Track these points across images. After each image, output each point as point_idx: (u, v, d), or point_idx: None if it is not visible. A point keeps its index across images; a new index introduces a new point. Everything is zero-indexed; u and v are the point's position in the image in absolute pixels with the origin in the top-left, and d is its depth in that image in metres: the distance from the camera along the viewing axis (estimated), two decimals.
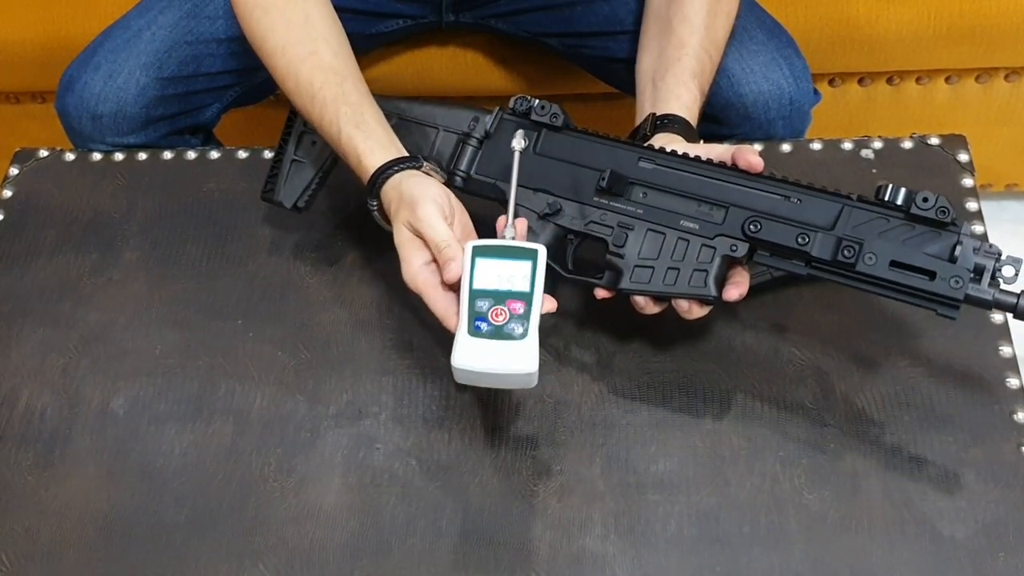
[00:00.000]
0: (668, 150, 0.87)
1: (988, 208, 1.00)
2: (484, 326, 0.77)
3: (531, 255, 0.79)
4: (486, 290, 0.78)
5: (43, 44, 1.40)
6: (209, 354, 0.95)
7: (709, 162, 0.85)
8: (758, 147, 1.06)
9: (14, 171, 1.11)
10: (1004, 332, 0.91)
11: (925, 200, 0.78)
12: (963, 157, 1.03)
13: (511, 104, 0.91)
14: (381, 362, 0.93)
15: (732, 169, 0.84)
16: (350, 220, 1.04)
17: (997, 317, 0.91)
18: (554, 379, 0.91)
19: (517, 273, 0.79)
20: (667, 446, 0.86)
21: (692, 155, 0.86)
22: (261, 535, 0.84)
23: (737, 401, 0.89)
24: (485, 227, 0.86)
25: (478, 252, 0.79)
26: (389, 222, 0.86)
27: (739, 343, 0.92)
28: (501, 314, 0.77)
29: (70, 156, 1.13)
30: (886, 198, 0.79)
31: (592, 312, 0.94)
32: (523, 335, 0.77)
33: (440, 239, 0.80)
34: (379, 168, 0.86)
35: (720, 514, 0.83)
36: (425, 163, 0.88)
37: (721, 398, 0.89)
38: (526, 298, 0.78)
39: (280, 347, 0.95)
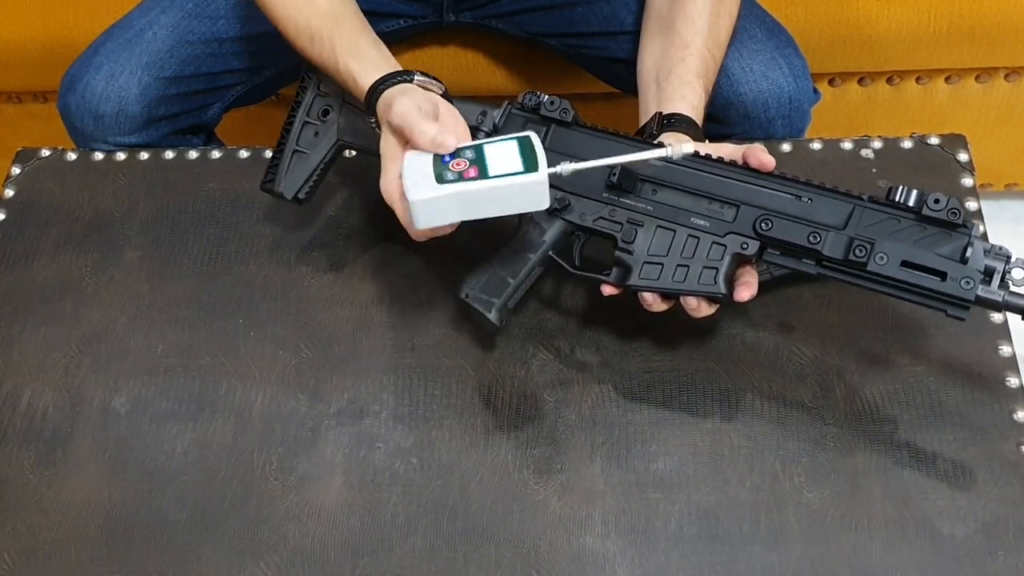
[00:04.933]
0: None
1: (988, 208, 1.00)
2: (448, 175, 0.77)
3: (518, 138, 0.80)
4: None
5: (45, 44, 1.40)
6: (210, 353, 0.95)
7: (720, 160, 0.85)
8: None
9: (16, 171, 1.11)
10: (1004, 332, 0.91)
11: (937, 201, 0.78)
12: (963, 157, 1.03)
13: (520, 99, 0.90)
14: (382, 361, 0.94)
15: (743, 168, 0.84)
16: (352, 220, 1.04)
17: (997, 317, 0.91)
18: (554, 378, 0.91)
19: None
20: (667, 444, 0.87)
21: (703, 153, 0.86)
22: (262, 533, 0.84)
23: (737, 399, 0.89)
24: (493, 231, 0.85)
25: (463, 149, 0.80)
26: None
27: (739, 342, 0.92)
28: (461, 164, 0.77)
29: (72, 156, 1.13)
30: (897, 199, 0.79)
31: (593, 311, 0.94)
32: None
33: (425, 129, 0.79)
34: (372, 85, 0.87)
35: (720, 512, 0.83)
36: (418, 76, 0.87)
37: (721, 396, 0.89)
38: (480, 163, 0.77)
39: (281, 346, 0.95)
